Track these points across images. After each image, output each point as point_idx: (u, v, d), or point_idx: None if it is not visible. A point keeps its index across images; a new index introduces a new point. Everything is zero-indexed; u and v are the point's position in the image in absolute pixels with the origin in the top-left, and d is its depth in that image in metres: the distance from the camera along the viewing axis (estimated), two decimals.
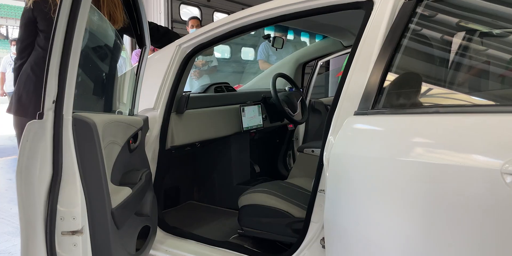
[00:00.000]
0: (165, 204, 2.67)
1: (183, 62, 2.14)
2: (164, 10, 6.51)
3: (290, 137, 3.48)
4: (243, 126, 2.66)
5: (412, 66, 1.62)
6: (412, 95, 1.49)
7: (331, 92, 5.01)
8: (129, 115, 1.98)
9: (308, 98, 3.49)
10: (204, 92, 2.74)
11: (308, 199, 1.64)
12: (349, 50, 3.36)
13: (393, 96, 1.44)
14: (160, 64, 2.17)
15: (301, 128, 3.57)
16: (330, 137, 1.48)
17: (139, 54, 1.96)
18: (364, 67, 1.43)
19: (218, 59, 7.19)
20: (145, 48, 1.93)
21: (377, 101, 1.37)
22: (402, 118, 1.28)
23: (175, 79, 2.14)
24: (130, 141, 1.74)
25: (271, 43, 2.65)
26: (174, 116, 2.24)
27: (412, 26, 1.44)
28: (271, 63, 5.10)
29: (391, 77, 1.41)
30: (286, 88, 3.21)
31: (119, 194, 1.43)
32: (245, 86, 3.62)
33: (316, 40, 3.48)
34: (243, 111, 2.68)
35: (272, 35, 2.71)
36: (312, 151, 2.44)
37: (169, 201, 2.71)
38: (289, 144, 3.52)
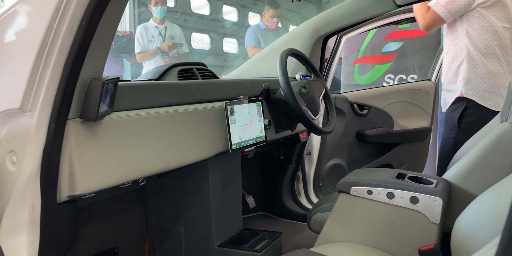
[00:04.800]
0: None
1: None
2: None
3: (300, 151, 2.29)
4: (232, 143, 1.42)
5: None
6: None
7: (344, 87, 3.79)
8: None
9: None
10: (157, 79, 1.49)
11: None
12: (395, 17, 2.21)
13: None
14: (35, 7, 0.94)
15: (315, 137, 2.38)
16: None
17: None
18: None
19: (195, 50, 6.28)
20: None
21: None
22: None
23: (76, 40, 0.91)
24: None
25: None
26: (76, 127, 0.99)
27: None
28: None
29: None
30: (297, 76, 2.01)
31: None
32: (230, 75, 2.40)
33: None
34: (232, 113, 1.45)
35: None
36: (370, 192, 1.24)
37: None
38: (299, 161, 2.34)
